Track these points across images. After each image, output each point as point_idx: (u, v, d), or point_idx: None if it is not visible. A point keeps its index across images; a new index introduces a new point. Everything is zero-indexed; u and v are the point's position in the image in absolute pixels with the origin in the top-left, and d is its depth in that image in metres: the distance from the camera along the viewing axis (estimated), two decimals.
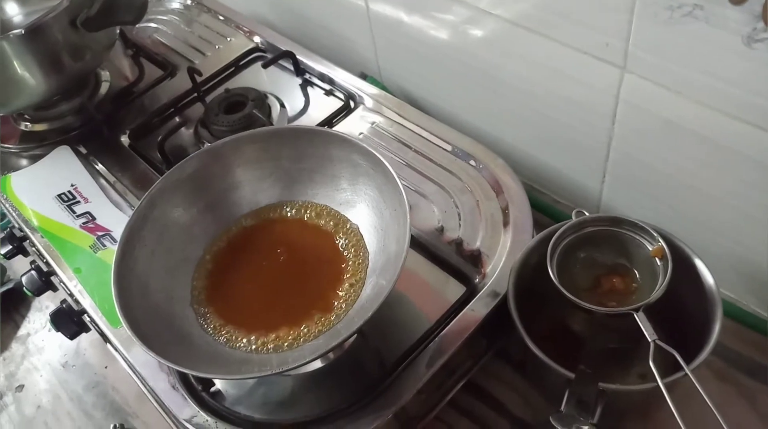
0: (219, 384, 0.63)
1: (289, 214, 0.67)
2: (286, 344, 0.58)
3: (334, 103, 0.88)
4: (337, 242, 0.64)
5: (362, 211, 0.64)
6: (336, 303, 0.60)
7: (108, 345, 0.76)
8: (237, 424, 0.60)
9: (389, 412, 0.59)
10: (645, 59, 0.60)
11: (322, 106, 0.89)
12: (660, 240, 0.59)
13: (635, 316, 0.56)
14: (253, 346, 0.58)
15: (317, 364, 0.63)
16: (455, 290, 0.67)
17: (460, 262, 0.69)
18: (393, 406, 0.59)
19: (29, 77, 0.84)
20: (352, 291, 0.60)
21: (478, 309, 0.64)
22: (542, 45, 0.68)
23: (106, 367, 0.79)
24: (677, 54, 0.57)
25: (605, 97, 0.66)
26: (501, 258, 0.67)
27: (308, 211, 0.67)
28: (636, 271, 0.62)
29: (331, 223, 0.66)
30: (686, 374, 0.53)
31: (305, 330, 0.58)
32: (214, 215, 0.66)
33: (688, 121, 0.60)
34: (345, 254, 0.63)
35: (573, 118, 0.72)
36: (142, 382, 0.68)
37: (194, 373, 0.57)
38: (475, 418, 0.67)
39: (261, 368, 0.56)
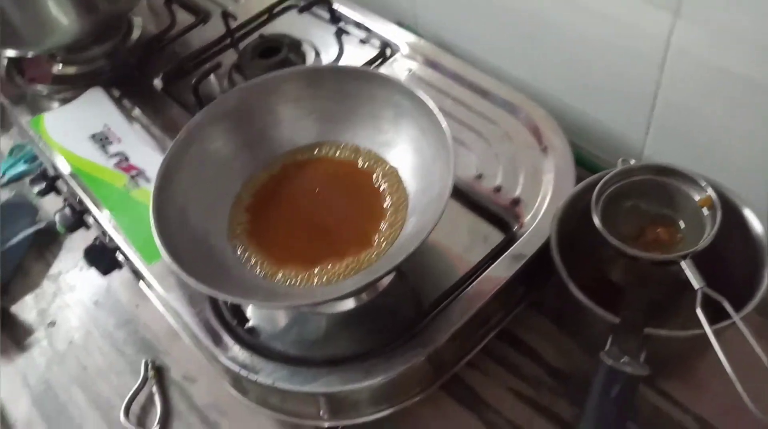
0: (254, 320, 0.63)
1: (327, 154, 0.66)
2: (324, 279, 0.57)
3: (369, 52, 0.86)
4: (376, 182, 0.63)
5: (403, 152, 0.63)
6: (376, 240, 0.59)
7: (140, 283, 0.77)
8: (271, 358, 0.60)
9: (423, 354, 0.58)
10: (700, 3, 0.58)
11: (357, 54, 0.87)
12: (708, 189, 0.58)
13: (682, 263, 0.55)
14: (291, 281, 0.58)
15: (352, 303, 0.63)
16: (493, 237, 0.66)
17: (498, 210, 0.68)
18: (426, 349, 0.59)
19: (63, 16, 0.84)
20: (391, 230, 0.59)
21: (516, 257, 0.63)
22: None
23: (137, 306, 0.79)
24: None
25: (655, 44, 0.64)
26: (541, 206, 0.66)
27: (347, 152, 0.65)
28: (681, 222, 0.61)
29: (370, 163, 0.64)
30: (733, 323, 0.52)
31: (344, 266, 0.58)
32: (253, 152, 0.65)
33: (742, 69, 0.58)
34: (384, 194, 0.62)
35: (619, 66, 0.70)
36: (175, 317, 0.68)
37: (232, 299, 0.57)
38: (509, 365, 0.67)
39: (299, 299, 0.56)
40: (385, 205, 0.61)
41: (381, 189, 0.63)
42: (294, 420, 0.63)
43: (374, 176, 0.64)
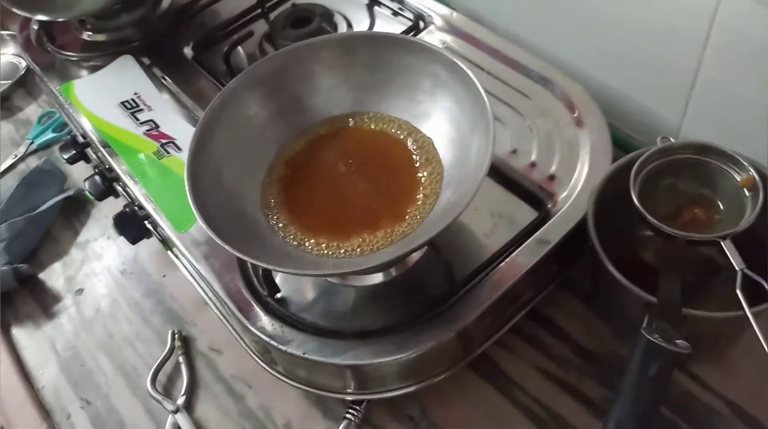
0: (284, 291, 0.63)
1: (362, 124, 0.65)
2: (358, 249, 0.57)
3: (401, 24, 0.85)
4: (410, 154, 0.62)
5: (439, 124, 0.62)
6: (410, 213, 0.58)
7: (168, 253, 0.77)
8: (301, 329, 0.59)
9: (452, 329, 0.58)
10: None
11: (389, 26, 0.86)
12: (751, 169, 0.57)
13: (722, 243, 0.54)
14: (323, 251, 0.57)
15: (381, 277, 0.63)
16: (527, 214, 0.65)
17: (533, 186, 0.67)
18: (456, 325, 0.58)
19: None
20: (426, 202, 0.59)
21: (550, 234, 0.62)
22: None
23: (164, 276, 0.79)
24: None
25: (700, 20, 0.62)
26: (577, 184, 0.65)
27: (381, 123, 0.65)
28: (720, 203, 0.60)
29: (405, 134, 0.63)
30: None
31: (377, 237, 0.57)
32: (287, 120, 0.64)
33: None
34: (419, 166, 0.61)
35: (660, 43, 0.68)
36: (204, 287, 0.68)
37: (266, 266, 0.56)
38: (537, 344, 0.66)
39: (332, 269, 0.55)
40: (419, 177, 0.60)
41: (416, 160, 0.62)
42: (320, 393, 0.63)
43: (409, 147, 0.63)
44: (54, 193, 0.90)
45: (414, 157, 0.62)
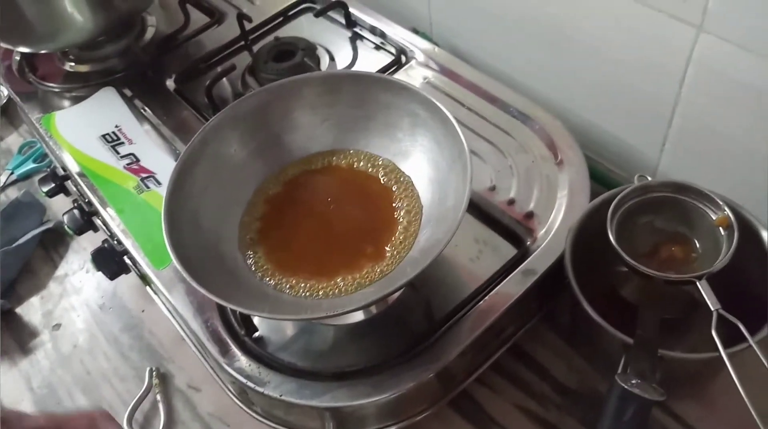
0: (262, 330, 0.62)
1: (342, 162, 0.65)
2: (335, 291, 0.56)
3: (384, 58, 0.86)
4: (389, 192, 0.62)
5: (417, 163, 0.63)
6: (389, 252, 0.58)
7: (147, 288, 0.76)
8: (279, 370, 0.59)
9: (432, 369, 0.58)
10: (726, 17, 0.57)
11: (371, 60, 0.86)
12: (726, 208, 0.57)
13: (698, 284, 0.54)
14: (301, 292, 0.57)
15: (362, 315, 0.62)
16: (506, 251, 0.65)
17: (512, 223, 0.67)
18: (436, 364, 0.58)
19: (77, 13, 0.83)
20: (405, 242, 0.59)
21: (528, 272, 0.62)
22: (612, 0, 0.65)
23: (143, 311, 0.78)
24: (763, 12, 0.54)
25: (676, 58, 0.63)
26: (555, 221, 0.65)
27: (361, 160, 0.65)
28: (696, 241, 0.60)
29: (385, 172, 0.64)
30: (749, 346, 0.51)
31: (356, 277, 0.57)
32: (266, 158, 0.64)
33: (764, 84, 0.57)
34: (398, 204, 0.61)
35: (638, 79, 0.69)
36: (182, 324, 0.67)
37: (240, 309, 0.56)
38: (517, 381, 0.66)
39: (310, 312, 0.55)
40: (398, 216, 0.61)
41: (395, 199, 0.62)
42: None
43: (388, 186, 0.63)
44: (33, 225, 0.90)
45: (393, 195, 0.62)
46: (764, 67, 0.56)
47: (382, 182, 0.63)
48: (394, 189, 0.63)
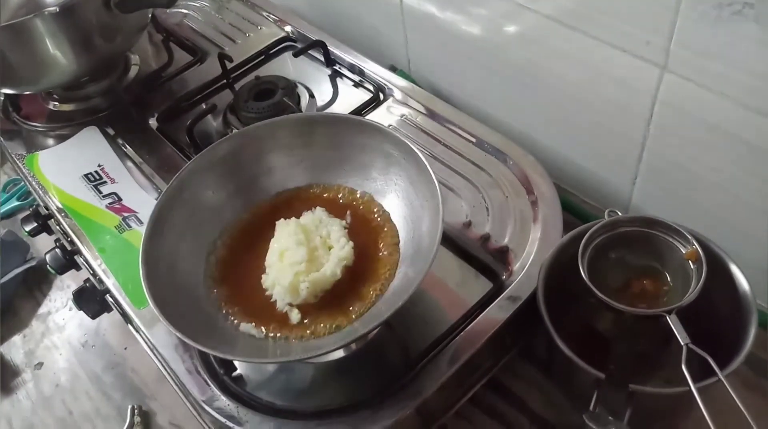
0: (241, 369, 0.63)
1: (320, 194, 0.67)
2: (308, 335, 0.57)
3: (362, 95, 0.88)
4: (365, 232, 0.63)
5: (392, 201, 0.64)
6: (364, 292, 0.59)
7: (129, 326, 0.76)
8: (258, 409, 0.59)
9: (411, 405, 0.58)
10: (687, 59, 0.59)
11: (350, 97, 0.88)
12: (694, 243, 0.58)
13: (668, 318, 0.55)
14: (278, 334, 0.57)
15: (340, 353, 0.63)
16: (482, 286, 0.66)
17: (487, 258, 0.68)
18: (415, 400, 0.58)
19: (60, 56, 0.84)
20: (382, 281, 0.59)
21: (504, 306, 0.63)
22: (579, 42, 0.67)
23: (125, 349, 0.79)
24: (723, 54, 0.56)
25: (643, 97, 0.65)
26: (529, 255, 0.66)
27: (342, 194, 0.66)
28: (667, 274, 0.61)
29: (364, 206, 0.65)
30: (719, 380, 0.52)
31: (334, 321, 0.58)
32: (244, 199, 0.66)
33: (730, 124, 0.59)
34: (376, 244, 0.62)
35: (607, 117, 0.71)
36: (162, 363, 0.67)
37: (215, 353, 0.57)
38: (496, 415, 0.67)
39: (284, 354, 0.56)
40: (381, 255, 0.61)
41: (373, 239, 0.63)
42: None
43: (367, 223, 0.64)
44: (16, 263, 0.90)
45: (370, 235, 0.63)
46: (726, 107, 0.58)
47: (363, 217, 0.64)
48: (370, 228, 0.63)
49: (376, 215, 0.65)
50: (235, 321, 0.59)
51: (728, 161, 0.62)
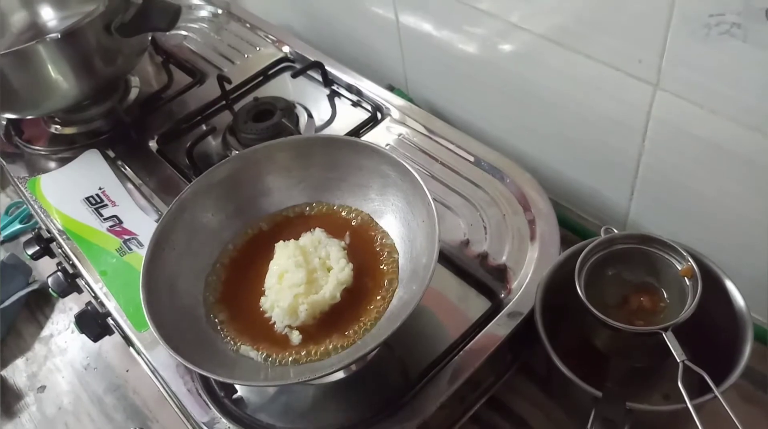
0: (241, 391, 0.63)
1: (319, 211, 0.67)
2: (308, 353, 0.57)
3: (360, 115, 0.88)
4: (367, 252, 0.64)
5: (390, 222, 0.64)
6: (366, 314, 0.59)
7: (130, 348, 0.77)
8: None
9: (412, 425, 0.58)
10: (679, 76, 0.60)
11: (349, 117, 0.89)
12: (689, 259, 0.59)
13: (664, 335, 0.56)
14: (277, 356, 0.58)
15: (340, 374, 0.63)
16: (480, 304, 0.67)
17: (485, 276, 0.68)
18: (415, 420, 0.59)
19: (62, 81, 0.86)
20: (381, 302, 0.60)
21: (503, 324, 0.64)
22: (573, 60, 0.67)
23: (127, 371, 0.79)
24: (712, 72, 0.56)
25: (637, 114, 0.66)
26: (527, 273, 0.67)
27: (341, 214, 0.67)
28: (664, 291, 0.62)
29: (360, 227, 0.66)
30: (715, 396, 0.52)
31: (331, 342, 0.58)
32: (243, 221, 0.66)
33: (721, 140, 0.60)
34: (379, 266, 0.63)
35: (603, 133, 0.71)
36: (163, 385, 0.68)
37: (215, 377, 0.57)
38: None
39: (284, 377, 0.56)
40: (378, 275, 0.62)
41: (371, 260, 0.63)
42: None
43: (362, 243, 0.65)
44: (19, 286, 0.91)
45: (371, 257, 0.63)
46: (717, 123, 0.59)
47: (360, 236, 0.65)
48: (372, 245, 0.64)
49: (374, 235, 0.65)
50: (235, 343, 0.59)
51: (723, 176, 0.62)
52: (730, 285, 0.59)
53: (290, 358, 0.57)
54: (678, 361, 0.54)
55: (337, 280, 0.60)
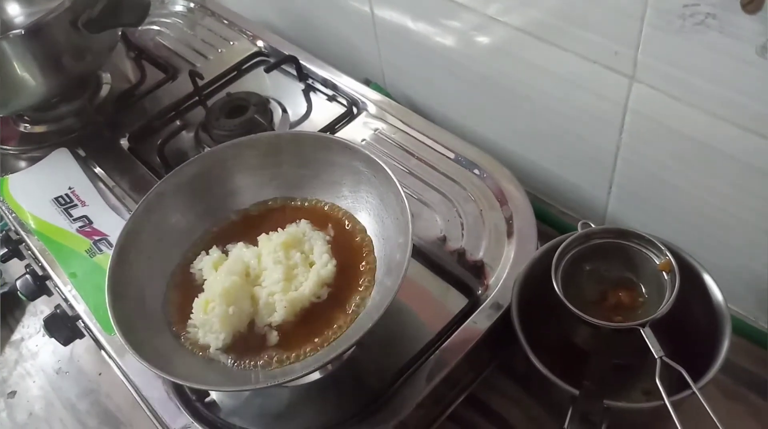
0: (214, 394, 0.62)
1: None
2: (278, 359, 0.56)
3: (336, 109, 0.87)
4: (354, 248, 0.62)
5: (363, 219, 0.63)
6: (342, 316, 0.58)
7: (102, 352, 0.75)
8: None
9: (388, 426, 0.58)
10: (654, 69, 0.59)
11: (324, 111, 0.87)
12: (668, 253, 0.58)
13: (641, 331, 0.55)
14: (248, 360, 0.56)
15: (315, 375, 0.62)
16: (457, 301, 0.66)
17: (462, 273, 0.67)
18: (392, 420, 0.58)
19: (29, 78, 0.84)
20: (361, 301, 0.59)
21: (480, 321, 0.63)
22: (550, 53, 0.66)
23: (100, 374, 0.78)
24: (688, 63, 0.55)
25: (613, 107, 0.65)
26: (504, 269, 0.66)
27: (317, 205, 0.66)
28: (642, 285, 0.61)
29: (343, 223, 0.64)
30: (693, 392, 0.51)
31: (306, 344, 0.57)
32: (214, 220, 0.65)
33: (697, 132, 0.59)
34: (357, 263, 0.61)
35: (580, 127, 0.70)
36: (135, 390, 0.66)
37: (185, 384, 0.56)
38: None
39: (255, 381, 0.55)
40: (361, 277, 0.60)
41: (354, 257, 0.62)
42: None
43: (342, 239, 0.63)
44: None
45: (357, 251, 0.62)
46: (693, 115, 0.58)
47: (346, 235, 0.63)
48: (359, 245, 0.62)
49: (349, 228, 0.64)
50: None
51: (700, 170, 0.62)
52: (708, 279, 0.58)
53: (261, 362, 0.55)
54: (656, 357, 0.53)
55: (318, 277, 0.58)
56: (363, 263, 0.61)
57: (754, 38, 0.49)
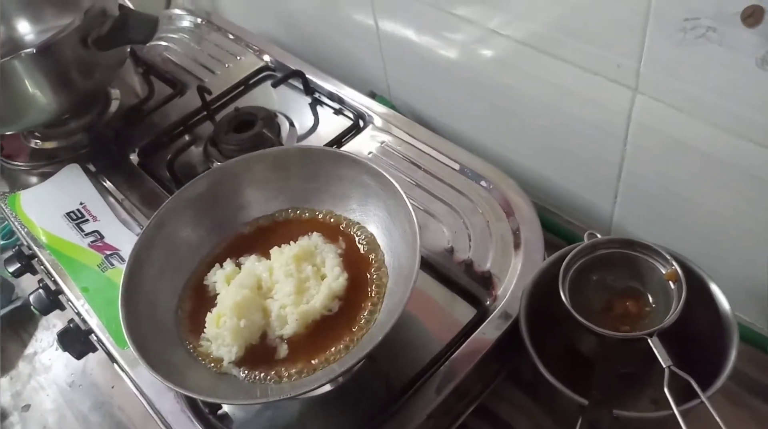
0: (226, 407, 0.63)
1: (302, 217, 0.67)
2: (288, 371, 0.56)
3: (343, 122, 0.88)
4: (358, 259, 0.63)
5: (372, 231, 0.64)
6: (354, 327, 0.59)
7: (114, 365, 0.76)
8: None
9: None
10: (657, 80, 0.59)
11: (331, 125, 0.88)
12: (674, 263, 0.59)
13: (649, 341, 0.55)
14: (259, 373, 0.57)
15: (326, 387, 0.62)
16: (465, 312, 0.66)
17: (470, 284, 0.68)
18: None
19: (40, 95, 0.85)
20: (372, 314, 0.59)
21: (489, 332, 0.63)
22: (553, 65, 0.67)
23: (112, 387, 0.78)
24: (690, 75, 0.56)
25: (617, 118, 0.65)
26: (512, 280, 0.66)
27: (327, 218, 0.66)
28: (649, 295, 0.62)
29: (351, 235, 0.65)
30: (702, 401, 0.52)
31: (315, 357, 0.57)
32: (223, 234, 0.66)
33: (700, 143, 0.60)
34: (370, 276, 0.62)
35: (584, 138, 0.71)
36: (148, 403, 0.67)
37: (197, 397, 0.56)
38: None
39: (265, 394, 0.55)
40: (370, 290, 0.61)
41: (368, 268, 0.62)
42: None
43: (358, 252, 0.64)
44: (1, 304, 0.90)
45: (365, 264, 0.62)
46: (696, 126, 0.59)
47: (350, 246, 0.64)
48: (370, 258, 0.63)
49: (360, 241, 0.64)
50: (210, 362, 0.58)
51: (704, 179, 0.62)
52: (714, 288, 0.59)
53: (273, 375, 0.56)
54: (664, 366, 0.54)
55: (329, 290, 0.59)
56: (373, 276, 0.62)
57: (754, 51, 0.50)
